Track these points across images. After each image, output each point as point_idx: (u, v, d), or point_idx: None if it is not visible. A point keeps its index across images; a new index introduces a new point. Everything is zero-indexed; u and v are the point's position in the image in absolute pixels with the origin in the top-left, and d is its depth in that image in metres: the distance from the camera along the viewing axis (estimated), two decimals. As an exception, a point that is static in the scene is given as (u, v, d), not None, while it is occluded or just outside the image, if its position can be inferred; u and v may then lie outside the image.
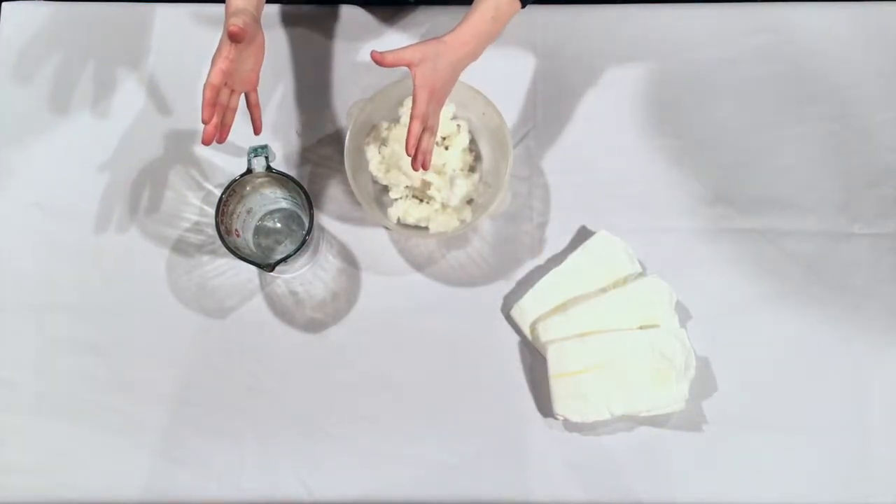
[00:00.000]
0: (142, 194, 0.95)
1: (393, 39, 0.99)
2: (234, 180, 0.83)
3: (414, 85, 0.79)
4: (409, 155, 0.81)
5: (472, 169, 0.94)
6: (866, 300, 0.92)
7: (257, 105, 0.85)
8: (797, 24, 0.99)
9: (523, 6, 0.83)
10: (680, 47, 0.99)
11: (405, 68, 0.85)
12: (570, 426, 0.89)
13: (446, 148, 0.91)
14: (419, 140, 0.81)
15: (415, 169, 0.83)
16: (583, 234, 0.94)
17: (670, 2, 1.00)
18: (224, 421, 0.89)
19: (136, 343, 0.91)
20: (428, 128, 0.81)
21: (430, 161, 0.83)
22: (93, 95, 0.97)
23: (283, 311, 0.92)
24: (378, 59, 0.79)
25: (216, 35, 0.98)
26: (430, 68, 0.79)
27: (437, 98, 0.81)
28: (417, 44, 0.80)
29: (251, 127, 0.85)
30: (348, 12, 0.99)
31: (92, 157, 0.96)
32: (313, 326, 0.92)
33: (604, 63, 0.98)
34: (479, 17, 0.81)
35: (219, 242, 0.82)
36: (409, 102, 0.90)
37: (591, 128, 0.96)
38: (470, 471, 0.88)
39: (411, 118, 0.80)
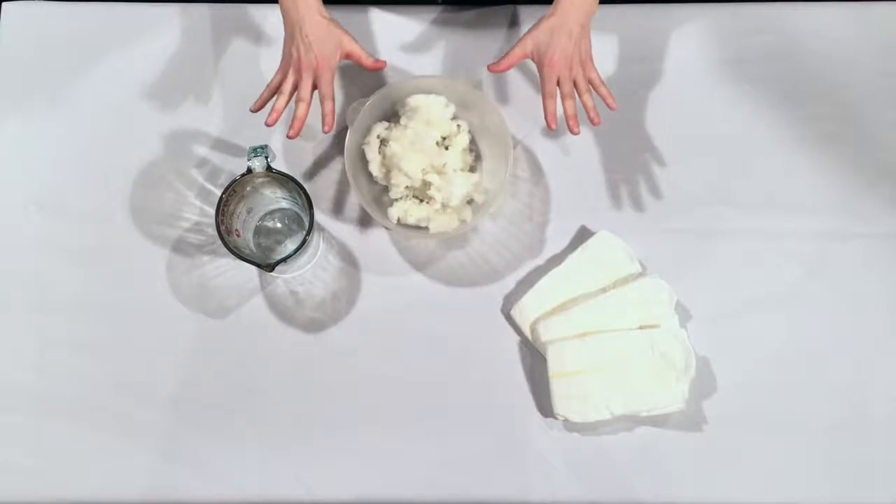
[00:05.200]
0: (142, 194, 0.95)
1: (394, 40, 0.99)
2: (235, 180, 0.83)
3: (539, 69, 0.86)
4: (550, 127, 0.87)
5: (472, 169, 0.94)
6: (866, 300, 0.92)
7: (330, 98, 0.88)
8: (798, 23, 0.99)
9: None
10: (680, 47, 0.98)
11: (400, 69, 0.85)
12: (570, 426, 0.89)
13: (446, 148, 0.91)
14: (564, 106, 0.87)
15: (558, 128, 0.88)
16: (583, 234, 0.94)
17: (670, 2, 1.00)
18: (224, 421, 0.89)
19: (136, 343, 0.91)
20: (567, 94, 0.86)
21: (576, 123, 0.88)
22: (93, 95, 0.97)
23: (283, 311, 0.92)
24: (497, 70, 0.86)
25: (221, 35, 0.99)
26: (551, 46, 0.84)
27: (582, 61, 0.86)
28: (526, 35, 0.86)
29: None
30: (349, 13, 0.99)
31: (92, 157, 0.96)
32: (313, 326, 0.92)
33: (604, 63, 0.98)
34: None
35: (219, 242, 0.82)
36: (409, 102, 0.90)
37: (591, 128, 0.96)
38: (470, 470, 0.88)
39: (543, 96, 0.86)
